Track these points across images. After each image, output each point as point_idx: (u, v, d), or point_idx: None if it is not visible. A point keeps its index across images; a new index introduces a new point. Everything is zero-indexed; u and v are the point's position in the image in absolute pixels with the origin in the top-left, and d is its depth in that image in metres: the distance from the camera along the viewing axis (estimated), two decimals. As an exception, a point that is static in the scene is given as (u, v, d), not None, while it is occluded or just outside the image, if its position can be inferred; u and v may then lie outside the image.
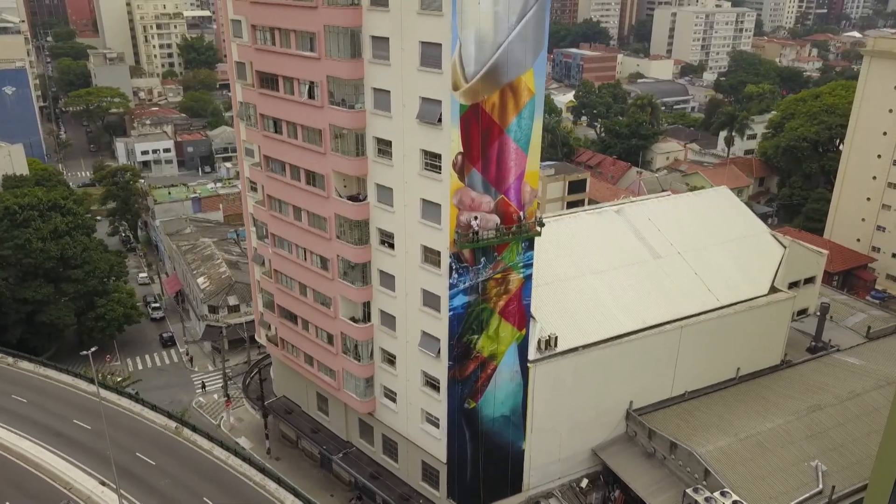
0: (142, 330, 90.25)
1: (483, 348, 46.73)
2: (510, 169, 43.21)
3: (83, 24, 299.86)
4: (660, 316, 56.17)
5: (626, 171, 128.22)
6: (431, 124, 41.63)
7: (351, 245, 48.75)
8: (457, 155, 41.32)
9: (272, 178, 53.55)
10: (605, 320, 54.46)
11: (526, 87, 41.93)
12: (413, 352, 48.48)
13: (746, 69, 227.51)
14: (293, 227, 53.11)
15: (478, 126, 41.17)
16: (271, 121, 51.96)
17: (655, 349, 55.12)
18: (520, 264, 45.91)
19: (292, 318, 57.12)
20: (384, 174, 46.12)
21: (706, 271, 61.05)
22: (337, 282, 50.91)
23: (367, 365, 52.14)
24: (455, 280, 44.16)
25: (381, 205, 47.15)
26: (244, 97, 54.09)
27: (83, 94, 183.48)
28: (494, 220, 43.89)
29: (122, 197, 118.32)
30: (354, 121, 45.69)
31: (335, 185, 48.63)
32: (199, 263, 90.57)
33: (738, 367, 60.44)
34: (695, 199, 69.96)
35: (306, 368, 57.62)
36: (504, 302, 46.26)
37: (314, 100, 47.47)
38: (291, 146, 50.58)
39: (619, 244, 60.66)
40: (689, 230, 64.17)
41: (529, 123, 42.86)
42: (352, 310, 51.90)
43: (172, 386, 77.04)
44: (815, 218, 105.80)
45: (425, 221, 44.31)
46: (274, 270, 57.11)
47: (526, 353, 48.77)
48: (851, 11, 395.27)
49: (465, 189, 42.34)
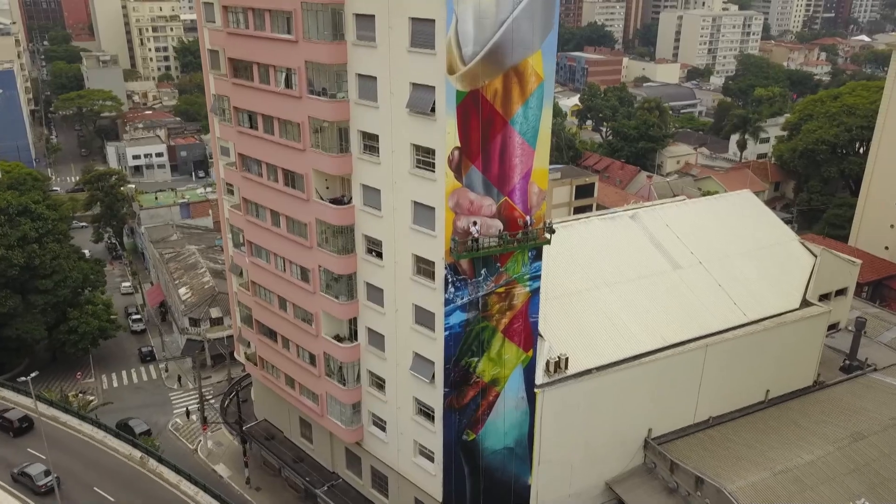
0: (121, 344, 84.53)
1: (484, 372, 40.88)
2: (515, 166, 37.44)
3: (79, 28, 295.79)
4: (681, 333, 50.37)
5: (635, 176, 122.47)
6: (423, 114, 35.91)
7: (334, 254, 43.00)
8: (453, 150, 35.58)
9: (248, 178, 47.85)
10: (621, 338, 48.67)
11: (533, 72, 36.21)
12: (404, 376, 42.64)
13: (756, 73, 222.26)
14: (271, 233, 47.39)
15: (477, 116, 35.43)
16: (246, 115, 46.32)
17: (677, 370, 49.29)
18: (526, 276, 40.08)
19: (271, 335, 51.34)
20: (370, 173, 40.39)
21: (731, 283, 55.28)
22: (319, 295, 45.14)
23: (354, 389, 46.29)
24: (451, 295, 38.34)
25: (367, 208, 41.41)
26: (217, 89, 48.48)
27: (73, 97, 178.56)
28: (497, 226, 38.10)
29: (107, 202, 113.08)
30: (336, 112, 39.99)
31: (316, 187, 42.90)
32: (181, 272, 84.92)
33: (767, 389, 54.55)
34: (716, 203, 64.07)
35: (287, 391, 51.78)
36: (508, 319, 40.41)
37: (291, 89, 41.81)
38: (268, 143, 44.91)
39: (635, 253, 55.01)
40: (712, 238, 58.51)
41: (537, 114, 37.11)
42: (336, 327, 46.12)
43: (149, 405, 71.18)
44: (837, 224, 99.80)
45: (417, 227, 38.56)
46: (251, 282, 51.37)
47: (533, 377, 42.92)
48: (859, 15, 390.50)
49: (462, 190, 36.57)
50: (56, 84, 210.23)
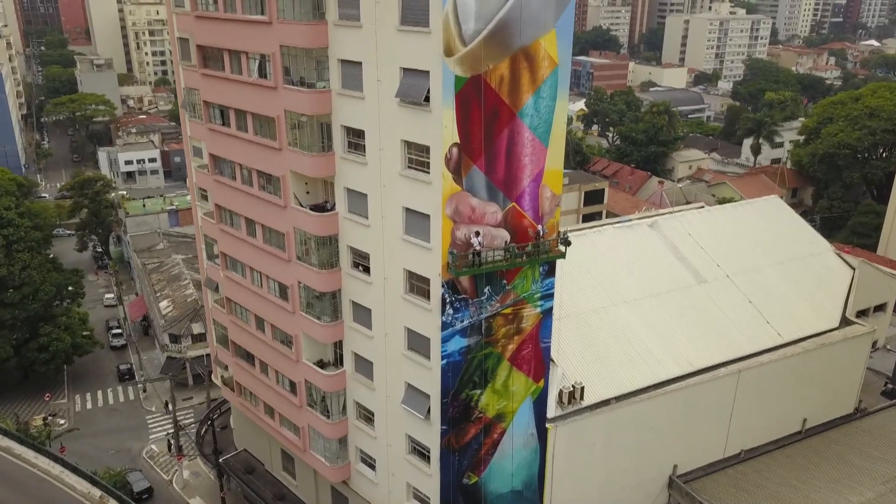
0: (99, 360, 78.90)
1: (488, 407, 35.21)
2: (524, 167, 31.87)
3: (76, 33, 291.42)
4: (710, 357, 44.73)
5: (645, 181, 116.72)
6: (416, 105, 30.40)
7: (315, 269, 37.38)
8: (451, 147, 30.05)
9: (220, 182, 42.32)
10: (642, 363, 43.01)
11: (546, 55, 30.67)
12: (395, 410, 36.98)
13: (766, 76, 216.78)
14: (246, 244, 41.84)
15: (480, 107, 29.91)
16: (217, 110, 40.81)
17: (706, 399, 43.61)
18: (537, 295, 34.45)
19: (249, 358, 45.73)
20: (356, 175, 34.84)
21: (762, 299, 49.62)
22: (298, 315, 39.53)
23: (339, 423, 40.61)
24: (450, 317, 32.74)
25: (352, 216, 35.83)
26: (187, 81, 43.00)
27: (65, 100, 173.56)
28: (503, 237, 32.53)
29: (92, 209, 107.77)
30: (316, 104, 34.47)
31: (294, 191, 37.34)
32: (163, 284, 79.41)
33: (804, 417, 48.81)
34: (742, 210, 58.37)
35: (266, 421, 46.13)
36: (516, 345, 34.77)
37: (266, 79, 36.32)
38: (241, 141, 39.38)
39: (656, 266, 49.39)
40: (739, 248, 52.88)
41: (550, 105, 31.56)
42: (319, 351, 40.50)
43: (122, 430, 65.49)
44: (862, 233, 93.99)
45: (410, 238, 32.99)
46: (226, 298, 45.81)
47: (544, 410, 37.25)
48: (867, 20, 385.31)
49: (462, 194, 31.02)
50: (49, 88, 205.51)
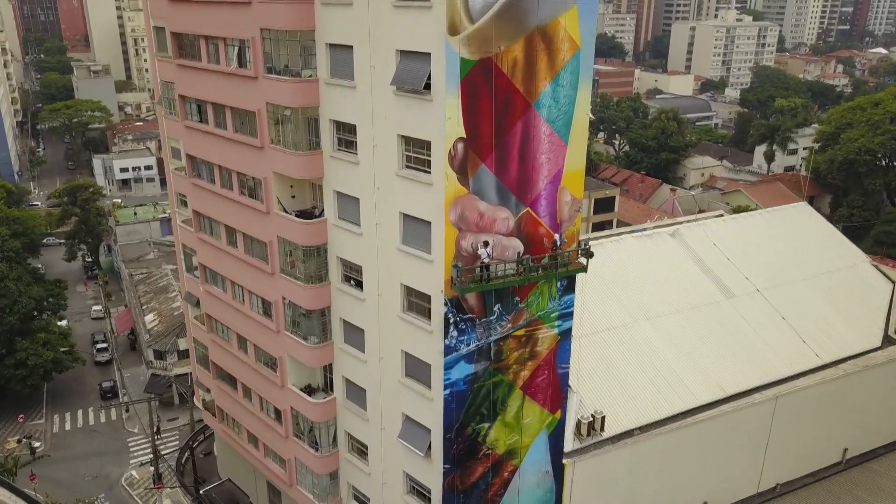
0: (83, 377, 74.32)
1: (497, 442, 30.75)
2: (540, 166, 27.54)
3: (76, 40, 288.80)
4: (742, 380, 40.36)
5: (656, 189, 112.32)
6: (415, 94, 26.11)
7: (301, 283, 33.02)
8: (455, 143, 25.74)
9: (198, 186, 38.04)
10: (669, 388, 38.61)
11: (567, 36, 26.39)
12: (392, 444, 32.50)
13: (775, 83, 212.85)
14: (226, 255, 37.51)
15: (489, 96, 25.62)
16: (194, 105, 36.60)
17: (740, 428, 39.14)
18: (553, 314, 30.05)
19: (231, 381, 41.33)
20: (347, 176, 30.51)
21: (797, 316, 45.27)
22: (283, 335, 35.14)
23: (329, 456, 36.10)
24: (454, 340, 28.34)
25: (342, 223, 31.48)
26: (162, 74, 38.80)
27: (60, 107, 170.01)
28: (515, 247, 28.18)
29: (82, 217, 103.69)
30: (301, 95, 30.20)
31: (278, 195, 33.04)
32: (150, 296, 75.04)
33: (844, 447, 44.28)
34: (769, 218, 53.92)
35: (250, 451, 41.67)
36: (529, 372, 30.35)
37: (246, 69, 32.10)
38: (219, 139, 35.12)
39: (679, 278, 45.09)
40: (768, 259, 48.58)
41: (571, 95, 27.25)
42: (307, 375, 36.08)
43: (102, 453, 60.89)
44: (887, 242, 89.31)
45: (408, 249, 28.63)
46: (206, 315, 41.44)
47: (561, 444, 32.81)
48: (874, 28, 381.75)
49: (468, 198, 26.68)
50: (45, 95, 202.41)
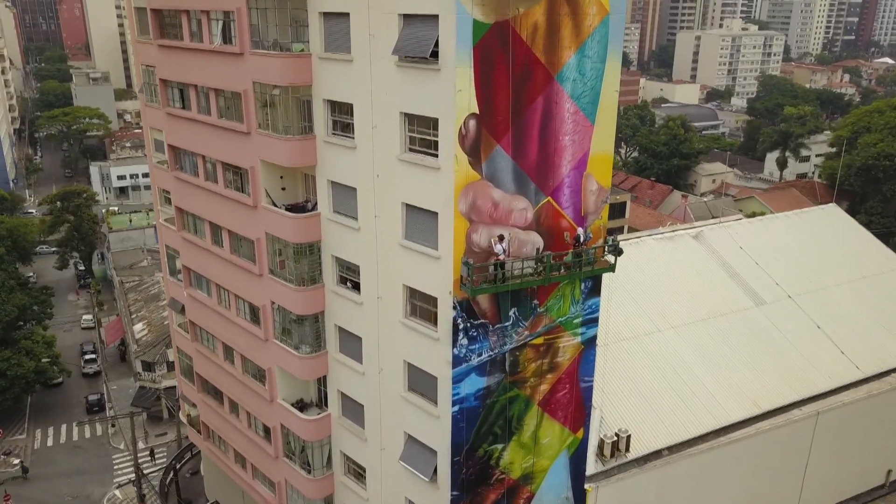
0: (69, 389, 70.79)
1: (512, 465, 27.10)
2: (564, 149, 24.06)
3: (77, 49, 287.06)
4: (779, 395, 36.75)
5: (667, 196, 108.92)
6: (420, 63, 22.68)
7: (291, 286, 29.49)
8: (467, 120, 22.27)
9: (181, 179, 34.61)
10: (699, 403, 35.00)
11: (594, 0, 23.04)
12: (392, 467, 28.84)
13: (783, 92, 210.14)
14: (211, 256, 34.03)
15: (506, 66, 22.19)
16: (176, 89, 33.24)
17: (779, 448, 35.50)
18: (577, 320, 26.48)
19: (217, 395, 37.73)
20: (343, 164, 27.04)
21: (834, 324, 41.75)
22: (272, 344, 31.58)
23: (322, 479, 32.43)
24: (464, 349, 24.76)
25: (338, 217, 27.98)
26: (142, 58, 35.47)
27: (58, 113, 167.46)
28: (534, 243, 24.66)
29: (74, 224, 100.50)
30: (291, 72, 26.77)
31: (266, 187, 29.59)
32: (140, 305, 71.57)
33: (888, 468, 40.57)
34: (797, 220, 50.44)
35: (237, 473, 37.99)
36: (549, 385, 26.74)
37: (230, 44, 28.74)
38: (203, 127, 31.72)
39: (705, 284, 41.62)
40: (799, 264, 45.16)
41: (599, 67, 23.81)
42: (298, 389, 32.50)
43: (84, 472, 57.15)
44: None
45: (411, 244, 25.10)
46: (190, 322, 37.90)
47: (582, 467, 29.16)
48: (880, 38, 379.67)
49: (481, 184, 23.18)
50: (43, 102, 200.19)
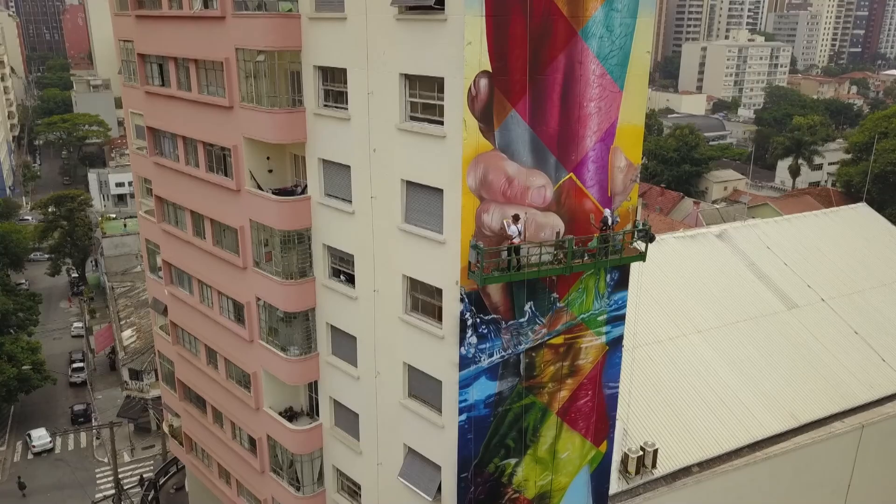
0: (55, 398, 67.58)
1: (527, 483, 23.76)
2: (588, 117, 20.92)
3: (80, 58, 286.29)
4: (817, 407, 33.46)
5: (678, 202, 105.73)
6: (423, 13, 19.59)
7: (278, 279, 26.30)
8: (478, 78, 19.13)
9: (161, 165, 31.54)
10: (731, 414, 31.79)
11: (625, -57, 19.96)
12: (391, 483, 25.50)
13: (790, 102, 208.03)
14: (192, 248, 30.88)
15: (523, 17, 19.09)
16: (155, 65, 30.24)
17: (819, 465, 32.14)
18: (601, 317, 23.22)
19: (200, 403, 34.46)
20: (335, 138, 23.91)
21: (872, 330, 38.61)
22: (258, 346, 28.34)
23: (312, 497, 29.05)
24: (472, 349, 21.51)
25: (330, 200, 24.80)
26: (120, 33, 32.49)
27: (56, 120, 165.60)
28: (554, 225, 21.45)
29: (66, 229, 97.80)
30: (278, 34, 23.70)
31: (251, 168, 26.46)
32: (130, 310, 68.47)
33: (934, 487, 37.10)
34: (826, 220, 47.41)
35: (221, 489, 34.63)
36: (569, 392, 23.45)
37: (211, 9, 25.74)
38: (183, 104, 28.68)
39: (732, 286, 38.53)
40: (831, 265, 42.06)
41: (629, 24, 20.72)
42: (287, 395, 29.23)
43: (65, 486, 53.71)
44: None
45: (412, 228, 21.90)
46: (171, 323, 34.70)
47: (606, 486, 25.81)
48: (886, 50, 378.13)
49: (494, 155, 20.00)
50: (43, 109, 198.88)
